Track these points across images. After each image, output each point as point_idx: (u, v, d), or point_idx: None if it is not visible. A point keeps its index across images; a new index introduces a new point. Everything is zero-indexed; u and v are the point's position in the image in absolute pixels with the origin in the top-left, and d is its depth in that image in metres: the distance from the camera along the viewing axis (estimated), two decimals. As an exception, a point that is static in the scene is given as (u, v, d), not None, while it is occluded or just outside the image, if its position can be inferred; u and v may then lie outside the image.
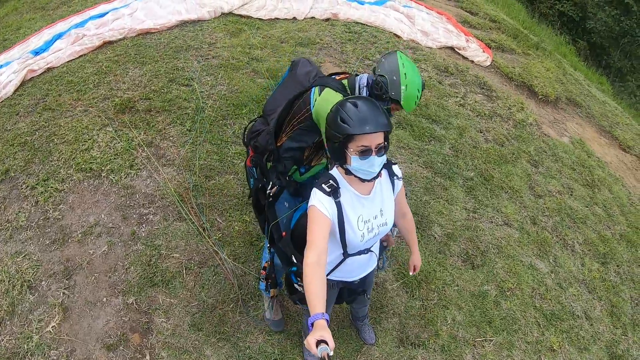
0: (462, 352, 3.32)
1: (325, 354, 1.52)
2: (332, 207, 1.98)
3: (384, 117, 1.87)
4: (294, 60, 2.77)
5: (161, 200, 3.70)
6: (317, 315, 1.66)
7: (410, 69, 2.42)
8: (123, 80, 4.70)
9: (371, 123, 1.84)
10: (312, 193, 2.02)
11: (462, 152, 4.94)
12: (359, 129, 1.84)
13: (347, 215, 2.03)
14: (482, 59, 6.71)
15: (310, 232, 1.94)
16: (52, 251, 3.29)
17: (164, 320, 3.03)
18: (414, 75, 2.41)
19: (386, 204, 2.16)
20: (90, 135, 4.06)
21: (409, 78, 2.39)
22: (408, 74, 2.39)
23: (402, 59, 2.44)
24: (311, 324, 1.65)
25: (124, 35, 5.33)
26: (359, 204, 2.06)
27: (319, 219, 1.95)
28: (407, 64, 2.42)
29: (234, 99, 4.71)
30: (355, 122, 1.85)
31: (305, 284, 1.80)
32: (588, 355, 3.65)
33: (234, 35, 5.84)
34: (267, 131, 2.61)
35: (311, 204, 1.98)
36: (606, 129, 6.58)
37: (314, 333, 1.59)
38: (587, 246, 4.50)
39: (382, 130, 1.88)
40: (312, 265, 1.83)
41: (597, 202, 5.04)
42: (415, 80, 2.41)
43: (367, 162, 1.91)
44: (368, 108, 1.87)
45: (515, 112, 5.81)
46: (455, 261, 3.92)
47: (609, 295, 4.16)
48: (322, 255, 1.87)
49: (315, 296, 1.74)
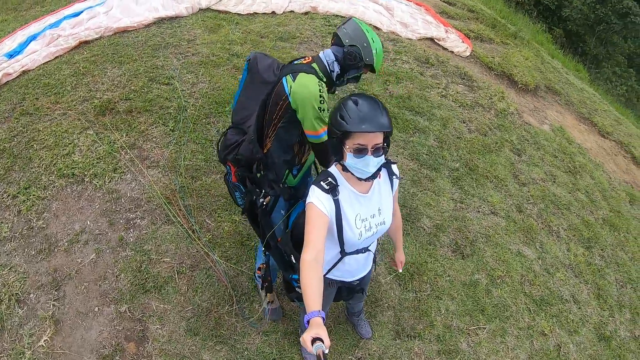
0: (457, 341, 3.37)
1: (320, 351, 1.51)
2: (330, 204, 1.96)
3: (384, 118, 1.84)
4: (249, 58, 2.58)
5: (147, 204, 3.62)
6: (314, 312, 1.65)
7: (371, 31, 2.47)
8: (102, 81, 4.57)
9: (369, 122, 1.82)
10: (310, 190, 2.00)
11: (447, 143, 4.98)
12: (355, 127, 1.83)
13: (345, 213, 2.01)
14: (461, 50, 6.76)
15: (308, 230, 1.92)
16: (38, 262, 3.19)
17: (159, 327, 2.97)
18: (376, 36, 2.48)
19: (384, 203, 2.15)
20: (71, 139, 3.94)
21: (375, 41, 2.45)
22: (373, 37, 2.45)
23: (361, 25, 2.47)
24: (307, 321, 1.64)
25: (100, 34, 5.18)
26: (357, 202, 2.05)
27: (317, 217, 1.93)
28: (367, 28, 2.46)
29: (216, 97, 4.64)
30: (353, 119, 1.83)
31: (301, 282, 1.79)
32: (578, 338, 3.75)
33: (213, 31, 5.74)
34: (248, 140, 2.47)
35: (309, 201, 1.96)
36: (585, 115, 6.72)
37: (309, 331, 1.58)
38: (572, 231, 4.60)
39: (380, 131, 1.85)
40: (309, 263, 1.81)
41: (579, 188, 5.16)
42: (378, 40, 2.48)
43: (362, 161, 1.89)
44: (369, 107, 1.85)
45: (497, 101, 5.88)
46: (446, 252, 3.96)
47: (594, 278, 4.28)
48: (319, 253, 1.85)
49: (312, 294, 1.73)
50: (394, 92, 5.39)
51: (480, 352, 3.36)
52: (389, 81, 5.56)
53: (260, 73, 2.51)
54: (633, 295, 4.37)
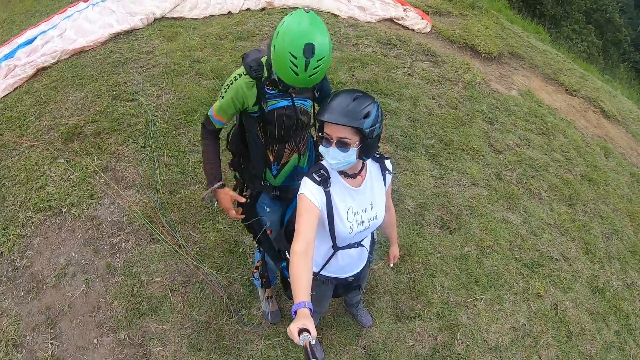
0: (456, 315, 3.44)
1: (307, 342, 1.50)
2: (322, 196, 1.96)
3: (351, 113, 1.80)
4: (243, 55, 2.43)
5: (130, 226, 3.56)
6: (300, 304, 1.64)
7: (288, 26, 1.88)
8: (65, 107, 4.44)
9: (332, 112, 1.81)
10: (302, 182, 1.99)
11: (419, 122, 5.02)
12: (320, 115, 1.85)
13: (337, 206, 2.01)
14: (421, 26, 6.80)
15: (298, 221, 1.91)
16: (29, 302, 3.11)
17: (161, 348, 2.93)
18: (288, 33, 1.87)
19: (377, 197, 2.14)
20: (42, 171, 3.83)
21: (278, 37, 1.89)
22: (281, 31, 1.89)
23: (290, 16, 1.92)
24: (294, 312, 1.63)
25: (57, 58, 5.03)
26: (349, 195, 2.05)
27: (308, 208, 1.92)
28: (289, 21, 1.90)
29: (183, 106, 4.57)
30: (325, 108, 1.84)
31: (290, 272, 1.78)
32: (572, 294, 3.86)
33: (171, 39, 5.65)
34: (232, 135, 2.53)
35: (300, 193, 1.96)
36: (551, 76, 6.84)
37: (296, 322, 1.56)
38: (553, 192, 4.71)
39: (337, 123, 1.82)
40: (298, 254, 1.80)
41: (554, 149, 5.27)
42: (283, 40, 1.87)
43: (327, 152, 1.89)
44: (341, 99, 1.83)
45: (463, 73, 5.94)
46: (433, 229, 4.01)
47: (580, 234, 4.40)
48: (309, 245, 1.84)
49: (299, 285, 1.72)
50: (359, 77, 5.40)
51: (480, 322, 3.43)
52: (354, 67, 5.55)
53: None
54: (620, 245, 4.51)
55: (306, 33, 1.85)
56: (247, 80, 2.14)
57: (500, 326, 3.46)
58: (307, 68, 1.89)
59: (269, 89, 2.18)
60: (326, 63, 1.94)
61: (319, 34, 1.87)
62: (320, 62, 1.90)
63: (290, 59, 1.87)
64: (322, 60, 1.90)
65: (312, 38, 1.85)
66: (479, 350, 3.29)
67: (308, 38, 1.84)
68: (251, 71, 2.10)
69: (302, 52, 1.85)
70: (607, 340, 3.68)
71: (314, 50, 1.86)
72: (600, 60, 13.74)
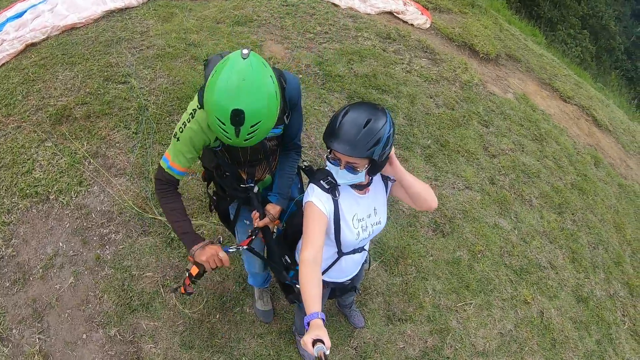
0: (447, 320, 3.47)
1: (321, 353, 1.51)
2: (330, 204, 1.94)
3: (361, 144, 1.73)
4: (204, 60, 2.18)
5: (120, 216, 3.46)
6: (314, 314, 1.65)
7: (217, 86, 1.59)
8: (54, 86, 4.26)
9: (340, 142, 1.75)
10: (310, 188, 1.98)
11: (416, 121, 4.99)
12: (325, 137, 1.82)
13: (344, 213, 2.00)
14: (421, 22, 6.73)
15: (307, 229, 1.90)
16: (15, 294, 3.01)
17: (152, 345, 2.88)
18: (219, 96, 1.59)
19: (379, 203, 2.14)
20: (29, 155, 3.68)
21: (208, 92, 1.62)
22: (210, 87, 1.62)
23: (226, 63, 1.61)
24: (307, 323, 1.64)
25: (47, 34, 4.81)
26: (355, 202, 2.03)
27: (317, 216, 1.91)
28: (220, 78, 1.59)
29: (177, 92, 4.44)
30: (330, 129, 1.80)
31: (301, 283, 1.78)
32: (558, 302, 3.93)
33: (166, 20, 5.46)
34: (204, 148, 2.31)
35: (308, 200, 1.94)
36: (546, 81, 6.88)
37: (310, 332, 1.57)
38: (543, 199, 4.76)
39: (342, 153, 1.77)
40: (309, 263, 1.80)
41: (546, 155, 5.32)
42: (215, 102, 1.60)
43: (335, 170, 1.88)
44: (350, 123, 1.76)
45: (460, 73, 5.92)
46: (426, 232, 4.02)
47: (568, 243, 4.47)
48: (318, 252, 1.85)
49: (312, 295, 1.72)
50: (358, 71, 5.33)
51: (469, 327, 3.48)
52: (353, 60, 5.48)
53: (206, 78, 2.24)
54: (605, 256, 4.60)
55: (234, 96, 1.57)
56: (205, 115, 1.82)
57: (488, 331, 3.51)
58: (238, 135, 1.65)
59: None
60: (264, 126, 1.68)
61: (250, 96, 1.58)
62: (255, 127, 1.65)
63: (218, 124, 1.63)
64: (257, 125, 1.65)
65: (240, 102, 1.57)
66: (467, 354, 3.33)
67: (235, 103, 1.57)
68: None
69: (229, 120, 1.60)
70: (589, 349, 3.77)
71: (244, 118, 1.59)
72: (593, 66, 13.93)
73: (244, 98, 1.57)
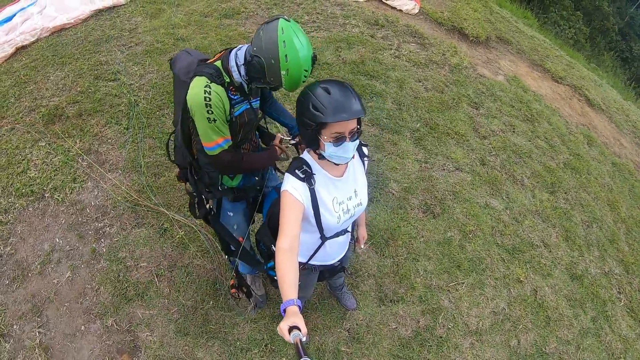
0: (438, 299, 3.51)
1: (298, 339, 1.52)
2: (306, 191, 1.96)
3: (357, 103, 1.81)
4: (170, 60, 2.39)
5: (114, 210, 3.54)
6: (289, 301, 1.65)
7: (292, 46, 1.95)
8: (46, 87, 4.34)
9: (346, 110, 1.79)
10: (285, 178, 1.99)
11: (405, 105, 5.01)
12: (332, 117, 1.79)
13: (322, 198, 2.02)
14: (410, 7, 6.73)
15: (282, 218, 1.91)
16: (14, 290, 3.09)
17: (148, 333, 2.96)
18: (297, 54, 1.96)
19: (359, 184, 2.17)
20: (24, 155, 3.76)
21: (290, 60, 1.95)
22: (290, 54, 1.95)
23: (284, 32, 1.95)
24: (283, 310, 1.64)
25: (37, 36, 4.88)
26: (333, 186, 2.06)
27: (292, 205, 1.93)
28: (289, 40, 1.95)
29: (166, 86, 4.50)
30: (328, 109, 1.79)
31: (277, 270, 1.80)
32: (552, 280, 3.96)
33: (154, 16, 5.52)
34: (178, 147, 2.41)
35: (283, 189, 1.96)
36: (537, 62, 6.86)
37: (286, 320, 1.58)
38: (535, 178, 4.78)
39: (358, 116, 1.83)
40: (283, 252, 1.81)
41: (538, 135, 5.33)
42: (297, 61, 1.96)
43: (341, 149, 1.88)
44: (341, 94, 1.81)
45: (450, 57, 5.92)
46: (417, 213, 4.05)
47: (561, 221, 4.48)
48: (294, 240, 1.86)
49: (287, 283, 1.73)
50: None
51: (461, 306, 3.52)
52: (341, 47, 5.50)
53: (178, 75, 2.32)
54: (599, 234, 4.61)
55: (307, 47, 2.00)
56: (220, 89, 2.08)
57: (480, 310, 3.55)
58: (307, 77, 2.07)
59: (232, 95, 2.14)
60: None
61: (309, 42, 2.04)
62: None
63: (304, 73, 2.02)
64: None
65: (311, 48, 2.03)
66: (460, 333, 3.37)
67: (310, 50, 2.02)
68: (217, 79, 2.07)
69: (311, 64, 2.03)
70: (584, 326, 3.78)
71: (315, 59, 2.07)
72: (587, 48, 13.79)
73: (309, 44, 2.03)
